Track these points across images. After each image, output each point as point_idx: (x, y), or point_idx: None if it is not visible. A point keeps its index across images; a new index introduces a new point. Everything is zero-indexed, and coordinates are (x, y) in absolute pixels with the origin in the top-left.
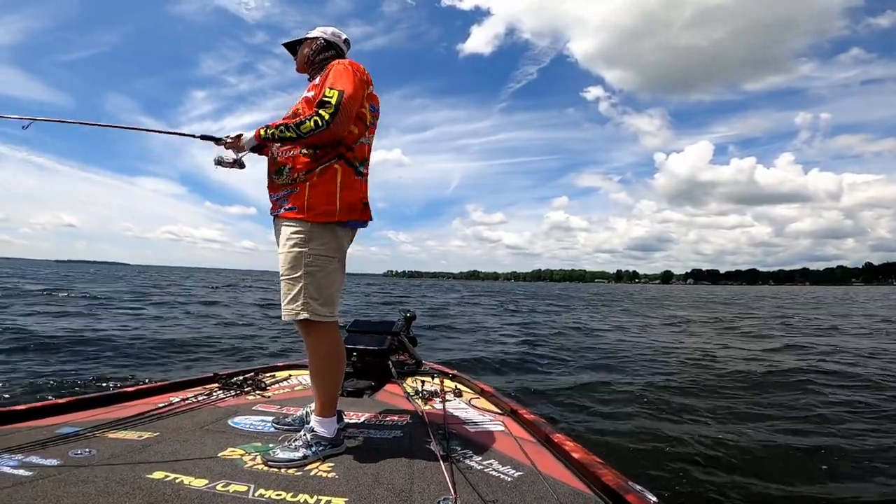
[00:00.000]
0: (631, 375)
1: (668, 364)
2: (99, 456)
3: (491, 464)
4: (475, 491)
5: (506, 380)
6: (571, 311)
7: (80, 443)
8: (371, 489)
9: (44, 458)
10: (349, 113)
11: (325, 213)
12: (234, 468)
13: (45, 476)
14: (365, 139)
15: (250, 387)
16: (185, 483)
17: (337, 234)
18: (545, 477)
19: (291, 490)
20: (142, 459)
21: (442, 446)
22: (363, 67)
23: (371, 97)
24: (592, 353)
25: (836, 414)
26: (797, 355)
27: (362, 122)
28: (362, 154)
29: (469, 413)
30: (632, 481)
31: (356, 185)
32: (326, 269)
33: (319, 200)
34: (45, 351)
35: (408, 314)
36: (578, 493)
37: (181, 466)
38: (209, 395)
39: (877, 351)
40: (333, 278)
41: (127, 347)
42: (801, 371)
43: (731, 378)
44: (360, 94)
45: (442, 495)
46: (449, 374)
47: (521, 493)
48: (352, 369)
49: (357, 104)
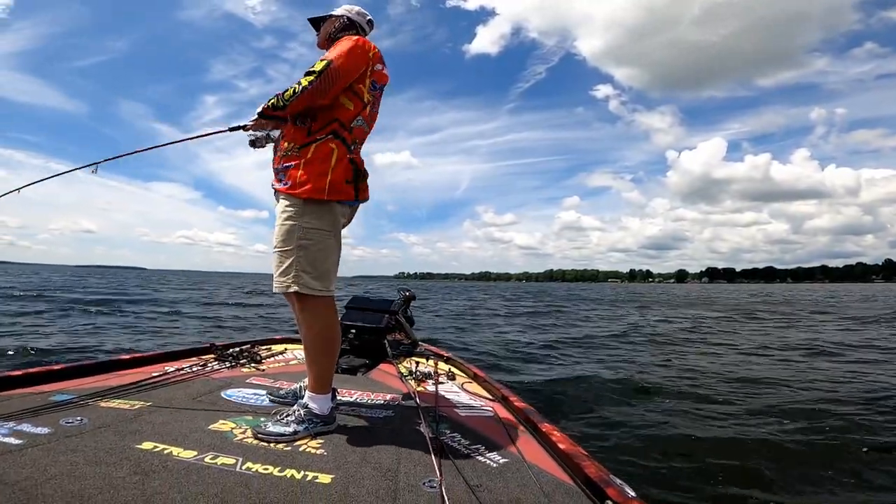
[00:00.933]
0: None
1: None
2: (90, 425)
3: (478, 449)
4: (461, 474)
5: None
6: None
7: (73, 411)
8: (358, 467)
9: (35, 426)
10: (332, 82)
11: (314, 191)
12: (224, 441)
13: (34, 444)
14: (362, 121)
15: (245, 359)
16: (173, 454)
17: (331, 208)
18: (530, 465)
19: (279, 465)
20: (132, 429)
21: (431, 428)
22: (373, 45)
23: (377, 75)
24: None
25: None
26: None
27: (358, 97)
28: (358, 135)
29: (461, 397)
30: (613, 475)
31: (347, 165)
32: (320, 243)
33: (312, 178)
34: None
35: (407, 293)
36: (561, 483)
37: (171, 437)
38: (204, 366)
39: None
40: (328, 253)
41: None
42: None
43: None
44: (353, 66)
45: (427, 477)
46: (444, 356)
47: (506, 480)
48: (348, 346)
49: (347, 76)
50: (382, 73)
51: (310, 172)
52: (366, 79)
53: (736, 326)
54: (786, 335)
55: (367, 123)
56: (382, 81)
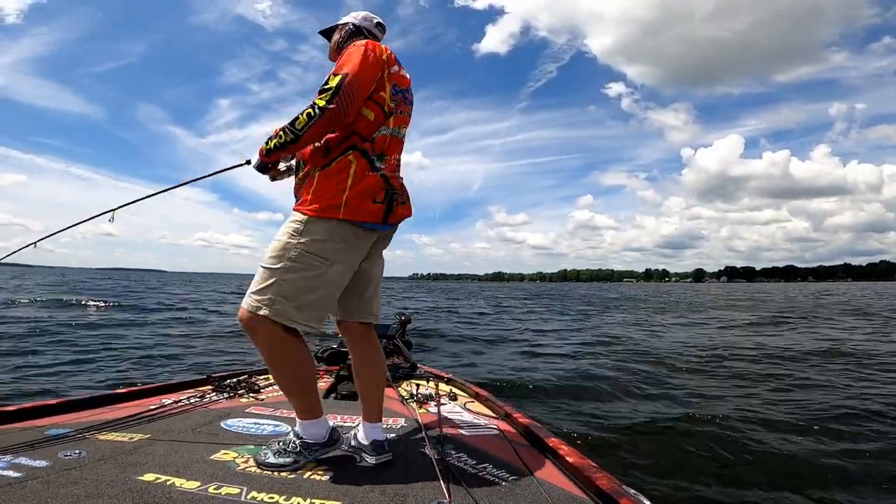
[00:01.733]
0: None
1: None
2: (89, 457)
3: (486, 467)
4: (470, 495)
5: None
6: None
7: (71, 444)
8: (365, 493)
9: (33, 460)
10: (352, 96)
11: (326, 208)
12: (227, 470)
13: (34, 477)
14: (387, 129)
15: (243, 389)
16: (176, 485)
17: (338, 233)
18: (540, 481)
19: (284, 493)
20: (132, 461)
21: (437, 450)
22: (384, 47)
23: (397, 78)
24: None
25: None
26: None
27: (379, 106)
28: (382, 146)
29: (464, 416)
30: (626, 486)
31: (371, 181)
32: (311, 271)
33: (325, 193)
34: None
35: (403, 317)
36: (573, 497)
37: (172, 468)
38: (202, 397)
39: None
40: (319, 285)
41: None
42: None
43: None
44: (368, 75)
45: (437, 499)
46: (444, 377)
47: (516, 497)
48: (346, 373)
49: (365, 86)
50: (401, 75)
51: (324, 187)
52: (385, 84)
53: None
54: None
55: (395, 133)
56: (404, 85)
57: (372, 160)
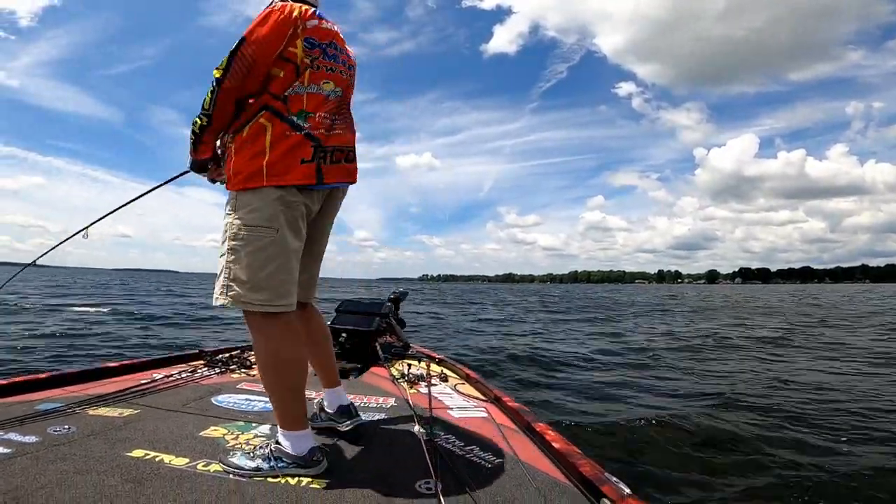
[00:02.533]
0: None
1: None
2: (78, 433)
3: (472, 449)
4: (455, 476)
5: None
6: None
7: (60, 419)
8: (353, 471)
9: (22, 435)
10: (248, 59)
11: (249, 177)
12: (216, 447)
13: (22, 453)
14: (301, 87)
15: (235, 364)
16: (164, 462)
17: (272, 198)
18: (525, 465)
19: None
20: (122, 437)
21: (425, 430)
22: (300, 5)
23: (313, 32)
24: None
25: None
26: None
27: (290, 62)
28: (299, 104)
29: (454, 398)
30: (608, 473)
31: (295, 140)
32: (255, 243)
33: (243, 163)
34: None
35: (395, 295)
36: (556, 482)
37: (161, 445)
38: (193, 372)
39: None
40: (270, 256)
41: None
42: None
43: None
44: (270, 34)
45: (423, 479)
46: (436, 358)
47: (501, 480)
48: (339, 350)
49: (266, 47)
50: (321, 28)
51: (242, 158)
52: (296, 40)
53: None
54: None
55: (322, 88)
56: (325, 38)
57: (291, 119)
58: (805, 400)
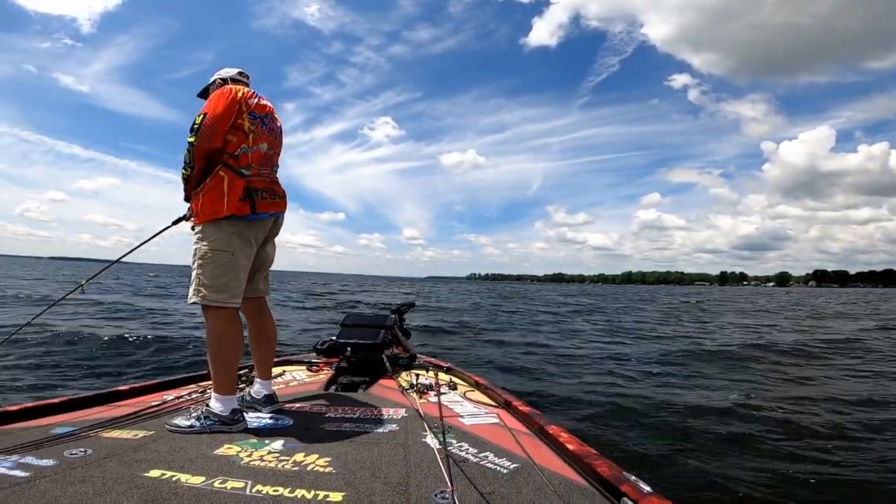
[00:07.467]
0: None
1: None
2: (95, 455)
3: (487, 456)
4: (472, 483)
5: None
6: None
7: (76, 442)
8: (368, 483)
9: (39, 459)
10: (211, 130)
11: (213, 213)
12: (231, 465)
13: (41, 476)
14: (248, 147)
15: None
16: (181, 481)
17: (227, 228)
18: (541, 468)
19: (289, 486)
20: (138, 458)
21: (438, 439)
22: (241, 88)
23: (255, 108)
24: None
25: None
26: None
27: (240, 131)
28: (246, 160)
29: (464, 406)
30: (626, 472)
31: (239, 185)
32: (218, 260)
33: (209, 204)
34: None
35: (400, 306)
36: (574, 484)
37: (177, 464)
38: (203, 392)
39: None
40: (227, 269)
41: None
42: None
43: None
44: (226, 111)
45: (439, 488)
46: (443, 367)
47: (518, 485)
48: (346, 364)
49: (222, 121)
50: (260, 104)
51: (206, 201)
52: (243, 115)
53: None
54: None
55: (261, 147)
56: (262, 112)
57: (239, 171)
58: (844, 416)
